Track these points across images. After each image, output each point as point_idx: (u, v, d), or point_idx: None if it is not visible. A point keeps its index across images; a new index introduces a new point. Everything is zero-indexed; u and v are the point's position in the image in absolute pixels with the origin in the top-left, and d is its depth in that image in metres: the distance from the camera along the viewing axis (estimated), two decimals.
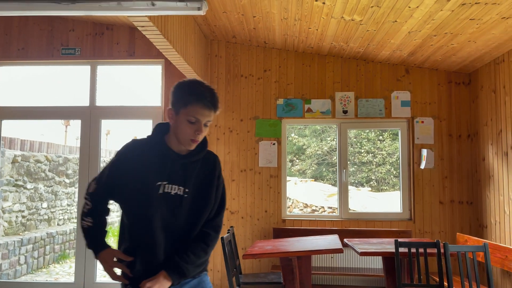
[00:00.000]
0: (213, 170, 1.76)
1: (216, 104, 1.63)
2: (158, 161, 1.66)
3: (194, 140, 1.63)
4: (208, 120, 1.63)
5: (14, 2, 1.88)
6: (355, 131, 13.56)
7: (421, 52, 4.32)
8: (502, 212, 4.07)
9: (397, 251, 3.23)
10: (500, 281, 4.06)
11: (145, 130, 14.04)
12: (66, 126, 9.45)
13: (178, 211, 1.66)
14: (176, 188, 1.66)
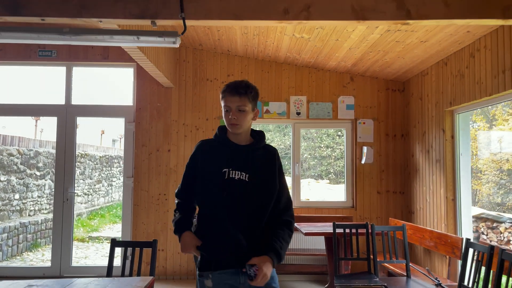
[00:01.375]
0: (273, 159, 2.00)
1: (238, 90, 1.88)
2: (222, 152, 1.93)
3: (231, 123, 1.90)
4: (237, 104, 1.88)
5: (25, 32, 2.37)
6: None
7: (361, 63, 5.04)
8: (425, 200, 4.88)
9: (334, 231, 3.93)
10: (422, 257, 4.88)
11: (109, 126, 14.15)
12: (36, 121, 9.67)
13: (242, 194, 1.86)
14: (239, 173, 1.88)
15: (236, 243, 1.85)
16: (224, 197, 1.86)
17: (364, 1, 2.45)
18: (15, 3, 2.38)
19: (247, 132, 1.99)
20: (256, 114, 1.99)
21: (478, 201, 13.15)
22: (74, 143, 5.45)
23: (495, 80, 3.53)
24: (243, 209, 1.86)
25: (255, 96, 1.96)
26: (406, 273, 3.79)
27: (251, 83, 1.98)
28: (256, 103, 1.99)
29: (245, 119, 1.91)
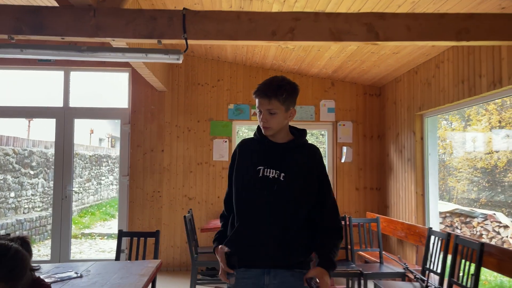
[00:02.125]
0: (312, 159, 1.91)
1: (267, 92, 1.81)
2: (258, 150, 1.90)
3: (263, 126, 1.85)
4: (267, 108, 1.82)
5: (50, 50, 2.72)
6: None
7: (341, 71, 5.49)
8: (398, 196, 5.37)
9: None
10: (395, 246, 5.37)
11: (96, 126, 14.34)
12: (29, 121, 9.87)
13: (275, 192, 1.81)
14: (274, 172, 1.83)
15: (264, 242, 1.80)
16: (256, 194, 1.83)
17: (339, 25, 2.88)
18: (40, 24, 2.73)
19: (284, 130, 1.91)
20: (292, 114, 1.89)
21: (453, 197, 13.84)
22: (72, 144, 5.76)
23: (456, 88, 4.02)
24: (275, 208, 1.81)
25: (289, 97, 1.84)
26: (380, 260, 4.26)
27: (286, 81, 1.87)
28: (292, 102, 1.87)
29: (277, 121, 1.84)
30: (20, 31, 2.73)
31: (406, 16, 2.92)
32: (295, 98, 1.90)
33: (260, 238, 1.81)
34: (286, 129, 1.93)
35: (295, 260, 1.81)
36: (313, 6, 3.54)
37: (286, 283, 1.80)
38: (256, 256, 1.82)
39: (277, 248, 1.79)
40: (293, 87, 1.87)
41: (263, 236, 1.80)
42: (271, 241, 1.80)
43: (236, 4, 3.73)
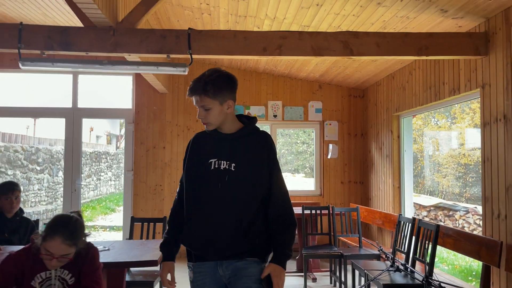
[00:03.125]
0: (262, 146, 1.87)
1: (195, 90, 1.78)
2: (209, 143, 1.88)
3: (202, 122, 1.84)
4: (201, 105, 1.79)
5: (74, 63, 3.23)
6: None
7: (327, 75, 6.04)
8: (378, 188, 5.94)
9: (303, 212, 4.91)
10: (376, 234, 5.94)
11: (95, 124, 14.79)
12: (35, 120, 10.33)
13: (227, 184, 1.79)
14: (225, 163, 1.81)
15: (216, 234, 1.80)
16: (208, 187, 1.81)
17: (320, 43, 3.42)
18: (67, 41, 3.24)
19: (228, 121, 1.86)
20: (230, 105, 1.83)
21: (439, 192, 14.49)
22: (80, 141, 6.27)
23: (425, 93, 4.58)
24: (227, 199, 1.79)
25: (218, 90, 1.78)
26: (359, 244, 4.82)
27: (214, 75, 1.80)
28: (226, 95, 1.81)
29: (213, 116, 1.80)
30: (51, 48, 3.24)
31: (376, 35, 3.47)
32: (230, 89, 1.83)
33: (212, 231, 1.79)
34: (231, 119, 1.88)
35: (247, 249, 1.80)
36: (299, 22, 4.08)
37: (239, 272, 1.80)
38: (207, 250, 1.81)
39: (229, 239, 1.78)
40: (223, 80, 1.81)
41: (216, 228, 1.79)
42: (223, 233, 1.78)
43: (232, 19, 4.26)
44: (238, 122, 1.92)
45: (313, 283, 4.95)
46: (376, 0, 3.40)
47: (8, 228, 3.38)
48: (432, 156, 15.29)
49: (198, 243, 1.84)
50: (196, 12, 4.23)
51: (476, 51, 3.45)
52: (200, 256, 1.85)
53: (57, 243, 1.87)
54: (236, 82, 1.88)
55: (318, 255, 4.69)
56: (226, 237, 1.80)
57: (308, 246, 4.86)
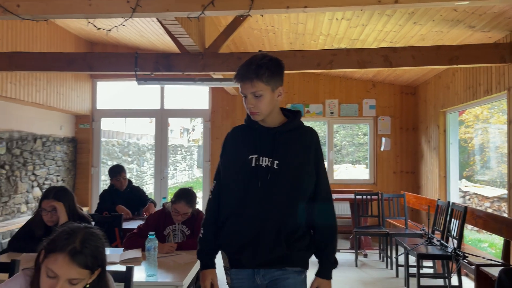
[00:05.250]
0: (308, 143, 1.73)
1: (247, 74, 1.63)
2: (250, 137, 1.73)
3: (251, 111, 1.68)
4: (252, 91, 1.64)
5: (175, 81, 4.32)
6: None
7: (380, 75, 6.71)
8: (427, 178, 6.54)
9: (355, 198, 5.71)
10: (424, 218, 6.56)
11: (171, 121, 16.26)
12: (125, 119, 12.06)
13: (268, 183, 1.66)
14: (267, 160, 1.67)
15: (254, 239, 1.67)
16: (248, 186, 1.68)
17: (364, 57, 4.20)
18: (169, 64, 4.33)
19: (274, 112, 1.74)
20: (281, 93, 1.72)
21: (506, 183, 14.27)
22: (167, 137, 7.52)
23: (465, 92, 5.15)
24: (269, 200, 1.66)
25: (272, 75, 1.67)
26: (405, 226, 5.53)
27: (267, 58, 1.68)
28: (278, 80, 1.70)
29: (265, 104, 1.67)
30: (158, 70, 4.36)
31: (412, 49, 4.18)
32: (281, 74, 1.73)
33: (251, 235, 1.68)
34: (277, 110, 1.76)
35: (287, 256, 1.69)
36: (349, 37, 4.87)
37: (277, 282, 1.70)
38: (244, 255, 1.70)
39: (270, 244, 1.67)
40: (276, 64, 1.70)
41: (254, 232, 1.68)
42: (263, 237, 1.67)
43: (293, 36, 5.14)
44: (282, 115, 1.79)
45: (364, 258, 5.75)
46: (412, 20, 4.11)
47: (122, 199, 4.59)
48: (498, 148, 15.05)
49: (234, 247, 1.72)
50: (263, 32, 5.17)
51: (501, 59, 4.03)
52: (237, 261, 1.74)
53: (182, 204, 2.92)
54: (284, 67, 1.77)
55: (367, 233, 5.48)
56: (266, 242, 1.67)
57: (359, 226, 5.66)
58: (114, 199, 4.60)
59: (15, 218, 5.25)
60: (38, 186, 5.78)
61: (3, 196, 5.06)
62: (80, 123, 7.03)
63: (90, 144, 7.09)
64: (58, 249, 1.30)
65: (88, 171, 7.07)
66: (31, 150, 5.59)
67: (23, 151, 5.41)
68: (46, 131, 6.01)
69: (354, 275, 4.96)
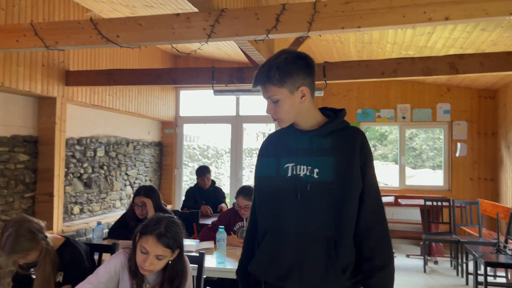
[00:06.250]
0: (352, 146, 1.46)
1: (259, 80, 1.48)
2: (285, 143, 1.53)
3: (273, 118, 1.51)
4: (268, 95, 1.47)
5: (245, 91, 4.75)
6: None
7: (454, 79, 6.56)
8: (507, 185, 6.25)
9: (425, 204, 5.68)
10: (502, 227, 6.27)
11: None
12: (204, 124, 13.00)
13: (309, 195, 1.43)
14: (305, 168, 1.45)
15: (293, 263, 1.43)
16: (285, 200, 1.46)
17: (429, 65, 4.26)
18: (241, 77, 4.75)
19: (306, 115, 1.51)
20: (304, 93, 1.47)
21: None
22: (242, 141, 8.02)
23: None
24: (309, 216, 1.43)
25: (286, 75, 1.44)
26: (479, 234, 5.39)
27: (281, 57, 1.47)
28: (296, 80, 1.46)
29: (284, 110, 1.47)
30: (231, 82, 4.81)
31: (480, 56, 4.14)
32: (302, 72, 1.47)
33: (289, 259, 1.44)
34: (309, 111, 1.52)
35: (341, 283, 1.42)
36: (416, 44, 4.92)
37: None
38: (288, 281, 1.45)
39: (311, 270, 1.41)
40: (292, 61, 1.46)
41: (293, 255, 1.43)
42: (304, 262, 1.42)
43: (360, 45, 5.31)
44: (320, 116, 1.55)
45: (434, 265, 5.69)
46: (480, 27, 4.09)
47: (204, 196, 5.17)
48: None
49: (274, 273, 1.47)
50: (330, 42, 5.40)
51: None
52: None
53: (240, 198, 3.32)
54: (310, 63, 1.50)
55: (437, 239, 5.44)
56: (316, 267, 1.41)
57: (429, 233, 5.63)
58: (197, 196, 5.24)
59: (111, 213, 6.04)
60: (130, 185, 6.57)
61: (101, 193, 5.87)
62: (165, 129, 7.79)
63: (173, 147, 7.82)
64: (148, 232, 1.74)
65: (172, 172, 7.80)
66: (124, 153, 6.38)
67: (118, 154, 6.21)
68: (137, 136, 6.81)
69: (422, 280, 4.98)
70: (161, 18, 3.08)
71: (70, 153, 5.14)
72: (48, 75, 4.53)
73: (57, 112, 4.66)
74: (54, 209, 4.61)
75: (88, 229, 5.26)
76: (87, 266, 2.23)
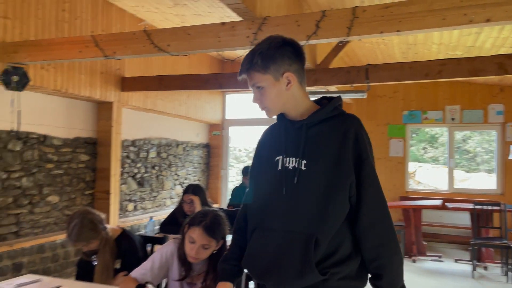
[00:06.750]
0: (343, 135, 1.34)
1: (243, 67, 1.40)
2: (278, 135, 1.47)
3: (260, 107, 1.45)
4: (253, 83, 1.40)
5: None
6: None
7: (507, 79, 6.31)
8: None
9: (474, 207, 5.53)
10: None
11: None
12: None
13: (294, 188, 1.35)
14: (293, 160, 1.37)
15: (277, 260, 1.36)
16: (272, 193, 1.40)
17: (476, 66, 4.17)
18: (316, 80, 4.85)
19: (297, 102, 1.43)
20: (290, 79, 1.39)
21: None
22: None
23: None
24: (295, 209, 1.35)
25: (268, 60, 1.37)
26: None
27: (265, 43, 1.40)
28: (280, 66, 1.38)
29: (269, 98, 1.40)
30: None
31: None
32: (287, 57, 1.39)
33: (274, 255, 1.37)
34: (298, 101, 1.43)
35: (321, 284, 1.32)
36: (463, 45, 4.83)
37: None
38: (267, 279, 1.40)
39: (296, 267, 1.32)
40: (275, 46, 1.38)
41: (278, 251, 1.36)
42: (288, 258, 1.34)
43: (404, 47, 5.28)
44: (311, 104, 1.47)
45: (484, 270, 5.52)
46: None
47: None
48: None
49: (257, 269, 1.42)
50: (374, 45, 5.42)
51: None
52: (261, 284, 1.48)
53: None
54: (297, 48, 1.42)
55: (486, 244, 5.27)
56: (292, 264, 1.33)
57: (478, 237, 5.47)
58: (243, 194, 5.44)
59: (162, 210, 6.38)
60: (179, 184, 6.90)
61: (153, 191, 6.22)
62: (212, 131, 8.09)
63: (220, 149, 8.09)
64: (196, 223, 1.93)
65: (219, 173, 8.07)
66: (174, 154, 6.72)
67: (168, 155, 6.55)
68: (186, 138, 7.13)
69: (469, 286, 4.86)
70: (208, 28, 3.29)
71: (125, 154, 5.51)
72: (106, 81, 4.92)
73: (114, 116, 5.04)
74: (110, 206, 4.98)
75: (141, 225, 5.61)
76: (141, 255, 2.47)
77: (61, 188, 4.56)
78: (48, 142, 4.40)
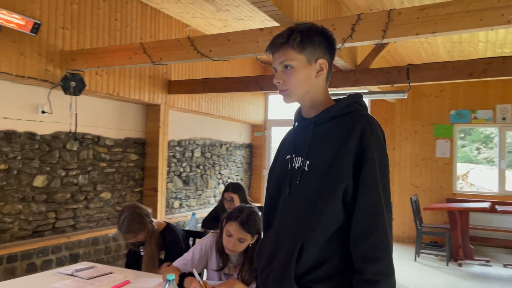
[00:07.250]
0: (347, 133, 1.23)
1: (275, 43, 1.32)
2: (292, 134, 1.41)
3: (279, 89, 1.34)
4: (282, 60, 1.30)
5: None
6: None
7: None
8: None
9: None
10: None
11: None
12: None
13: (297, 189, 1.28)
14: (300, 160, 1.29)
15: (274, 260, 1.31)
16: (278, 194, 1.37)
17: None
18: (355, 80, 4.90)
19: (318, 95, 1.33)
20: (322, 66, 1.31)
21: None
22: None
23: None
24: (292, 211, 1.30)
25: (308, 41, 1.29)
26: None
27: (306, 24, 1.34)
28: (317, 50, 1.31)
29: (296, 79, 1.29)
30: None
31: None
32: (323, 46, 1.32)
33: (265, 259, 1.35)
34: (320, 94, 1.34)
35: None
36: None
37: None
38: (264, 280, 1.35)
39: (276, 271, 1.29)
40: (316, 31, 1.31)
41: (270, 254, 1.34)
42: (274, 262, 1.31)
43: (449, 45, 5.17)
44: (329, 101, 1.36)
45: None
46: None
47: None
48: None
49: (258, 269, 1.42)
50: (417, 44, 5.34)
51: None
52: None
53: None
54: (334, 41, 1.35)
55: None
56: (277, 268, 1.29)
57: None
58: None
59: (206, 208, 6.63)
60: (223, 183, 7.12)
61: (198, 190, 6.48)
62: (255, 132, 8.26)
63: (262, 149, 8.25)
64: (233, 218, 2.08)
65: (261, 173, 8.23)
66: (218, 154, 6.96)
67: (212, 155, 6.80)
68: (229, 139, 7.35)
69: None
70: (247, 33, 3.45)
71: (171, 154, 5.80)
72: (153, 85, 5.22)
73: (161, 117, 5.33)
74: (158, 203, 5.28)
75: (185, 222, 5.88)
76: (183, 247, 2.66)
77: (113, 186, 4.90)
78: (101, 143, 4.75)
